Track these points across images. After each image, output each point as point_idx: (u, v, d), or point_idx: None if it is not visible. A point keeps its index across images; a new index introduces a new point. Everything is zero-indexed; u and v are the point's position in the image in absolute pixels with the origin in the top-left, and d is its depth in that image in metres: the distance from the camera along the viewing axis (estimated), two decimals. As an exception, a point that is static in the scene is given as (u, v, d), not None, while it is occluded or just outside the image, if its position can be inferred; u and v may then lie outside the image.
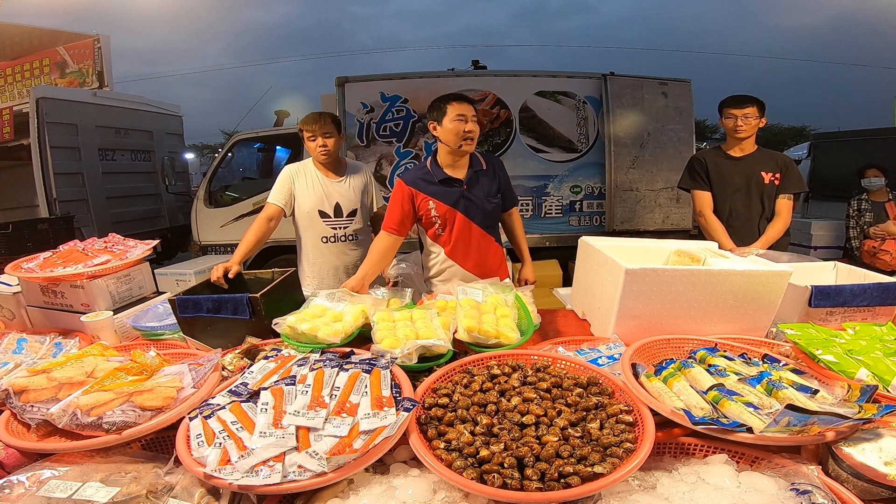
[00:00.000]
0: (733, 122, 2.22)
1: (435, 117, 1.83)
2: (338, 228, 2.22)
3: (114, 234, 1.81)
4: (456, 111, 1.78)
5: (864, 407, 0.83)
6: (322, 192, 2.18)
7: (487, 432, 0.85)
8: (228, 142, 5.03)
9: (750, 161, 2.27)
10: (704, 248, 1.61)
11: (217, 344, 1.30)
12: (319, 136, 2.11)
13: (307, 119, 2.13)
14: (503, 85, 4.32)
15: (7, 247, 4.28)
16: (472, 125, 1.80)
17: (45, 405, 0.96)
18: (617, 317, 1.30)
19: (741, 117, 2.19)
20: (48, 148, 5.04)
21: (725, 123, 2.27)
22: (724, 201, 2.28)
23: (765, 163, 2.28)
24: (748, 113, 2.18)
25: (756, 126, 2.22)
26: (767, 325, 1.34)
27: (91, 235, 1.96)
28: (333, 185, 2.21)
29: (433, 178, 1.86)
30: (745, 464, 0.84)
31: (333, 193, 2.20)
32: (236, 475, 0.75)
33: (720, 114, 2.29)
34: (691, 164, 2.39)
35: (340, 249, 2.24)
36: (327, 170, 2.22)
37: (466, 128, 1.78)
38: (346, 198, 2.22)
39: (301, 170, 2.21)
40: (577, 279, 1.75)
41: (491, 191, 1.92)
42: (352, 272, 2.14)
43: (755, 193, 2.26)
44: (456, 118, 1.78)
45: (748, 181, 2.26)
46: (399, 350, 1.10)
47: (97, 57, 7.18)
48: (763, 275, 1.28)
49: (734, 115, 2.21)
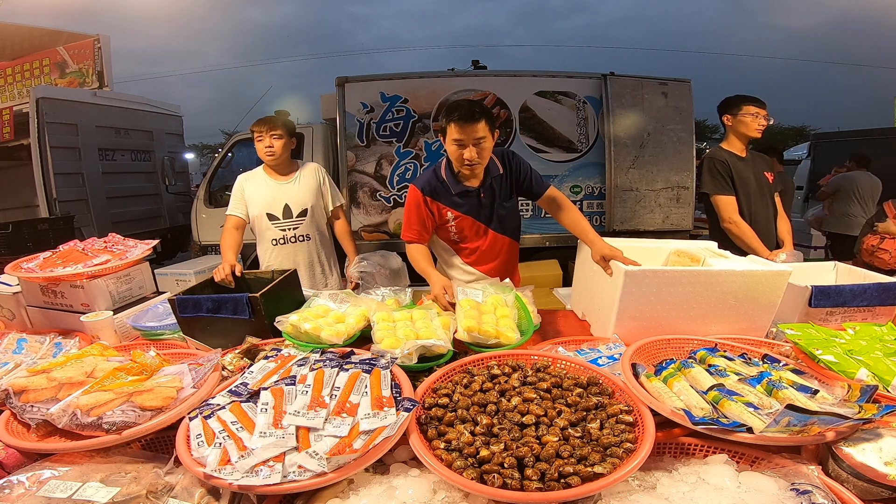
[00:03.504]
0: (756, 121, 2.14)
1: (441, 128, 1.68)
2: (287, 230, 2.25)
3: (114, 234, 1.81)
4: (453, 135, 1.59)
5: (864, 407, 0.83)
6: (269, 194, 2.22)
7: (487, 432, 0.85)
8: (228, 142, 5.03)
9: (752, 161, 2.26)
10: (704, 248, 1.61)
11: (217, 344, 1.30)
12: (266, 137, 2.17)
13: (257, 121, 2.19)
14: (503, 85, 4.32)
15: (7, 247, 4.27)
16: (471, 153, 1.58)
17: (45, 405, 0.96)
18: (616, 318, 1.30)
19: (764, 116, 2.14)
20: (48, 148, 5.04)
21: (744, 121, 2.16)
22: (746, 204, 2.21)
23: (762, 162, 2.29)
24: (767, 114, 2.15)
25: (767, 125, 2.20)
26: (767, 324, 1.34)
27: (91, 235, 1.96)
28: (281, 187, 2.24)
29: (448, 187, 1.75)
30: (746, 464, 0.83)
31: (281, 195, 2.23)
32: (236, 475, 0.75)
33: (732, 109, 2.20)
34: (713, 167, 2.22)
35: (292, 251, 2.27)
36: (275, 172, 2.25)
37: (465, 155, 1.59)
38: (296, 198, 2.25)
39: (251, 176, 2.27)
40: (577, 280, 1.75)
41: (506, 194, 1.84)
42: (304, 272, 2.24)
43: (766, 194, 2.24)
44: (453, 143, 1.60)
45: (759, 181, 2.24)
46: (399, 350, 1.10)
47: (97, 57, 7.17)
48: (763, 275, 1.28)
49: (757, 114, 2.14)
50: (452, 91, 4.28)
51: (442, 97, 4.30)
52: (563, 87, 4.34)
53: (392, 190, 4.39)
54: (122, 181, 6.00)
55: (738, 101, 2.20)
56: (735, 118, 2.20)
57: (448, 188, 1.75)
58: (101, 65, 7.15)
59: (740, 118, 2.18)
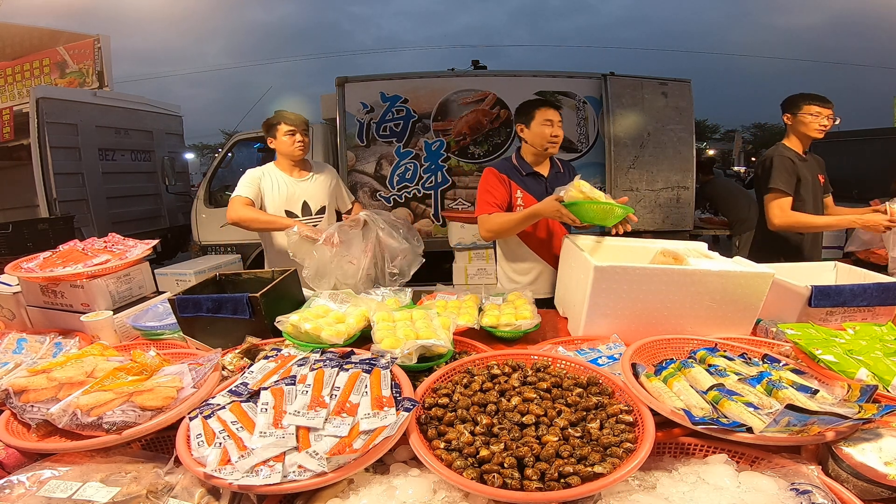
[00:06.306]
0: (818, 121, 2.10)
1: (523, 120, 1.93)
2: None
3: (113, 234, 1.81)
4: (544, 116, 1.88)
5: (864, 407, 0.83)
6: (287, 191, 2.20)
7: (487, 432, 0.85)
8: (228, 142, 5.03)
9: (810, 163, 2.24)
10: (691, 248, 1.59)
11: (217, 344, 1.30)
12: (299, 133, 2.14)
13: (288, 114, 2.15)
14: (503, 85, 4.32)
15: (7, 247, 4.27)
16: (558, 129, 1.90)
17: (45, 405, 0.96)
18: (587, 314, 1.28)
19: (827, 116, 2.10)
20: (48, 148, 5.03)
21: (804, 119, 2.12)
22: (813, 205, 2.18)
23: (817, 165, 2.27)
24: (831, 114, 2.11)
25: (831, 125, 2.16)
26: (748, 328, 1.31)
27: (91, 235, 1.96)
28: (299, 184, 2.22)
29: (521, 171, 1.96)
30: (745, 464, 0.84)
31: (299, 192, 2.21)
32: (236, 475, 0.75)
33: (793, 108, 2.16)
34: (785, 165, 2.15)
35: None
36: (294, 169, 2.23)
37: (552, 132, 1.89)
38: (314, 195, 2.24)
39: (264, 173, 2.22)
40: (560, 277, 1.75)
41: None
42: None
43: (820, 196, 2.23)
44: (543, 123, 1.88)
45: (815, 183, 2.22)
46: (399, 350, 1.10)
47: (97, 57, 7.17)
48: (741, 276, 1.25)
49: (820, 114, 2.10)
50: (452, 91, 4.29)
51: (442, 97, 4.30)
52: (563, 87, 4.34)
53: (392, 190, 4.39)
54: (122, 181, 5.99)
55: (799, 99, 2.15)
56: (795, 117, 2.16)
57: (519, 170, 1.96)
58: (101, 65, 7.15)
59: (800, 117, 2.14)
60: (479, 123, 4.32)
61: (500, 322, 1.42)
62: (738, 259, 1.46)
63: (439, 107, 4.30)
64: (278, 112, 2.19)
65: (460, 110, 4.31)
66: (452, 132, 4.32)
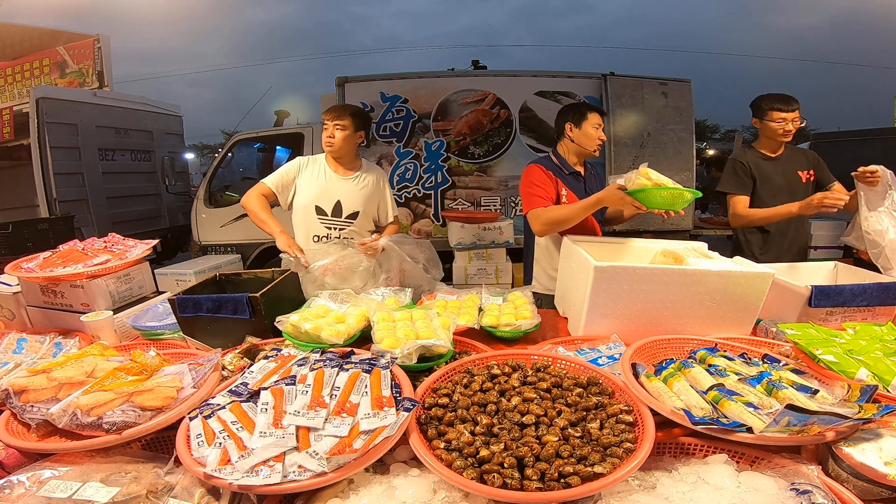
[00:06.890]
0: (782, 126, 2.13)
1: (574, 119, 1.97)
2: (332, 229, 2.11)
3: (113, 234, 1.81)
4: (595, 120, 1.95)
5: (864, 407, 0.83)
6: (324, 186, 2.09)
7: (487, 432, 0.85)
8: (228, 142, 5.03)
9: (785, 160, 2.24)
10: (691, 248, 1.59)
11: (217, 344, 1.30)
12: (331, 127, 2.05)
13: (328, 108, 2.09)
14: (503, 85, 4.33)
15: (7, 247, 4.27)
16: (603, 134, 2.01)
17: (45, 405, 0.96)
18: (587, 314, 1.28)
19: (791, 121, 2.12)
20: (48, 148, 5.04)
21: (769, 125, 2.16)
22: (769, 203, 2.19)
23: (797, 161, 2.25)
24: (796, 116, 2.12)
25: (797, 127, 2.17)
26: (748, 328, 1.31)
27: (91, 235, 1.96)
28: (339, 182, 2.11)
29: (564, 169, 2.00)
30: (745, 464, 0.84)
31: (336, 190, 2.10)
32: (236, 475, 0.75)
33: (759, 113, 2.18)
34: (733, 168, 2.26)
35: None
36: (337, 164, 2.13)
37: (600, 136, 1.97)
38: (350, 197, 2.11)
39: (311, 161, 2.13)
40: (560, 278, 1.74)
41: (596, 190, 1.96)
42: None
43: (798, 193, 2.20)
44: (595, 126, 1.95)
45: (788, 182, 2.22)
46: (399, 350, 1.10)
47: (97, 57, 7.18)
48: (741, 276, 1.25)
49: (784, 119, 2.12)
50: (452, 91, 4.29)
51: (442, 97, 4.30)
52: (563, 87, 4.34)
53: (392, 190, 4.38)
54: (122, 181, 5.99)
55: (765, 104, 2.16)
56: (762, 122, 2.19)
57: (562, 168, 2.01)
58: (101, 65, 7.16)
59: (766, 123, 2.17)
60: (479, 123, 4.33)
61: (500, 322, 1.42)
62: (738, 259, 1.46)
63: (439, 107, 4.30)
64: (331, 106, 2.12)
65: (460, 110, 4.31)
66: (452, 132, 4.33)
